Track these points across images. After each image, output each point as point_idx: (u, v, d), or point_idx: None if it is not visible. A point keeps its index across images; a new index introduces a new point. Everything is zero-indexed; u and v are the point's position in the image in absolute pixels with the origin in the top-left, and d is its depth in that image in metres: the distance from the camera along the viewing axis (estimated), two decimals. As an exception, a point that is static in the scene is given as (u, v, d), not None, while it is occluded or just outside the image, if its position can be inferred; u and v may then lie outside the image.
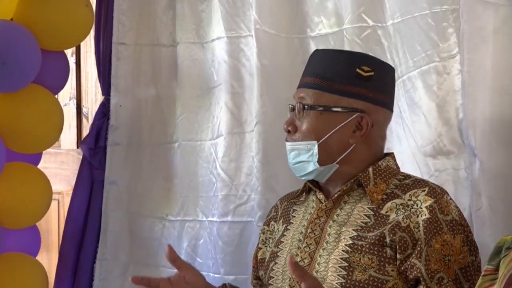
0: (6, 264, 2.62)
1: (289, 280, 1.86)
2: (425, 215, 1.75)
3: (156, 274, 2.80)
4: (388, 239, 1.76)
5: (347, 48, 2.42)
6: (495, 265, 1.26)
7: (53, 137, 2.72)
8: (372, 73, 1.86)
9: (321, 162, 1.85)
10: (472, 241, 1.80)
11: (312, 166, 1.86)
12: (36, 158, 2.81)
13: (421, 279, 1.73)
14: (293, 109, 1.92)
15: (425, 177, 2.06)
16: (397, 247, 1.75)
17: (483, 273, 1.27)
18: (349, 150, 1.85)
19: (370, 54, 2.30)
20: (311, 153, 1.85)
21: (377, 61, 1.97)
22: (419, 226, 1.75)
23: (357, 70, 1.85)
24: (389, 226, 1.77)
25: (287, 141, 1.92)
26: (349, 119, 1.84)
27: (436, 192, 1.80)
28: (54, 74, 2.72)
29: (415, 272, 1.73)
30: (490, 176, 2.18)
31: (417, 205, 1.78)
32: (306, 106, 1.86)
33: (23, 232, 2.74)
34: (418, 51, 2.28)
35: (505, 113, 2.20)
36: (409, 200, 1.79)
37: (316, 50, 2.00)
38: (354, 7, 2.42)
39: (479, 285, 1.27)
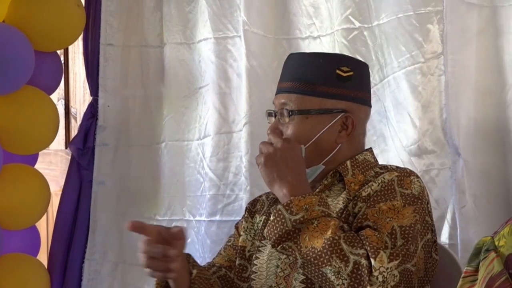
0: (8, 265, 2.63)
1: (275, 276, 1.86)
2: (382, 181, 1.76)
3: (144, 274, 2.79)
4: (351, 214, 1.76)
5: (336, 50, 2.44)
6: (475, 267, 1.27)
7: (50, 137, 2.74)
8: (351, 73, 1.86)
9: (307, 164, 1.83)
10: (424, 213, 1.75)
11: None
12: (32, 159, 2.81)
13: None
14: (271, 115, 1.91)
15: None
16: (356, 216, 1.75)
17: (463, 274, 1.28)
18: (335, 151, 1.86)
19: (357, 55, 2.35)
20: None
21: (354, 60, 1.99)
22: (372, 188, 1.76)
23: (337, 71, 1.85)
24: (353, 201, 1.77)
25: None
26: (334, 120, 1.85)
27: (405, 171, 1.80)
28: (48, 75, 2.73)
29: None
30: (474, 174, 2.21)
31: (383, 178, 1.78)
32: (291, 112, 1.85)
33: (23, 232, 2.75)
34: (403, 51, 2.30)
35: (489, 113, 2.23)
36: (380, 181, 1.78)
37: (291, 54, 1.99)
38: (342, 9, 2.43)
39: (460, 286, 1.28)
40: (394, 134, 2.34)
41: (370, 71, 2.00)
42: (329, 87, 1.85)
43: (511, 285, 1.20)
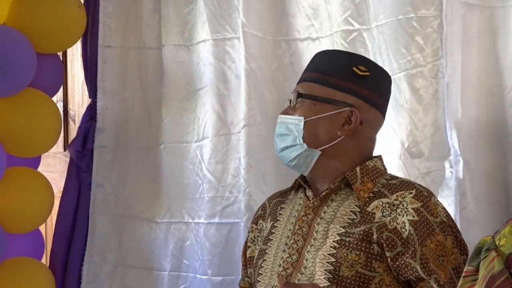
0: (12, 269, 2.62)
1: (277, 276, 1.87)
2: (412, 216, 1.77)
3: (144, 276, 2.82)
4: (375, 236, 1.78)
5: (335, 52, 2.45)
6: (475, 266, 1.26)
7: (52, 139, 2.72)
8: (368, 73, 1.90)
9: (305, 141, 1.88)
10: (461, 241, 1.82)
11: (296, 151, 1.89)
12: (35, 162, 2.80)
13: (419, 277, 1.75)
14: (290, 102, 1.98)
15: (412, 178, 2.07)
16: (384, 245, 1.77)
17: (463, 274, 1.28)
18: (335, 142, 1.88)
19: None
20: (297, 128, 1.89)
21: (375, 65, 2.01)
22: (406, 226, 1.77)
23: (354, 68, 1.90)
24: (376, 224, 1.79)
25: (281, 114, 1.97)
26: (339, 111, 1.88)
27: (423, 196, 1.82)
28: (49, 77, 2.72)
29: (410, 272, 1.75)
30: (476, 175, 2.21)
31: (403, 206, 1.79)
32: (299, 95, 1.91)
33: (27, 236, 2.74)
34: (404, 54, 2.30)
35: (490, 114, 2.23)
36: (395, 200, 1.81)
37: (318, 52, 2.05)
38: (342, 11, 2.43)
39: (460, 286, 1.28)
40: (395, 136, 2.33)
41: (391, 80, 2.03)
42: (341, 80, 1.89)
43: (511, 284, 1.19)
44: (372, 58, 2.36)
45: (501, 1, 2.19)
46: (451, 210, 2.20)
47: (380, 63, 2.34)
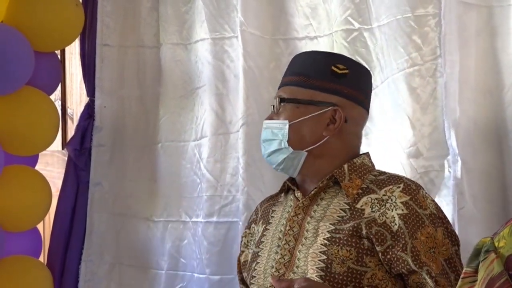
0: (11, 267, 2.62)
1: (271, 276, 1.87)
2: (402, 210, 1.78)
3: (141, 275, 2.82)
4: (364, 231, 1.78)
5: (335, 51, 2.45)
6: (474, 267, 1.26)
7: (50, 137, 2.72)
8: (347, 71, 1.91)
9: (290, 143, 1.89)
10: (452, 232, 1.83)
11: (282, 154, 1.90)
12: (33, 160, 2.80)
13: (410, 270, 1.75)
14: (273, 108, 1.98)
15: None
16: (374, 239, 1.77)
17: (462, 275, 1.28)
18: (321, 142, 1.89)
19: (357, 56, 2.37)
20: (282, 132, 1.90)
21: (353, 61, 2.03)
22: (395, 220, 1.77)
23: (333, 67, 1.90)
24: (365, 220, 1.79)
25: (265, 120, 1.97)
26: (323, 111, 1.89)
27: (411, 189, 1.82)
28: (47, 75, 2.72)
29: (401, 265, 1.75)
30: (474, 175, 2.20)
31: (391, 200, 1.80)
32: (282, 100, 1.92)
33: (25, 234, 2.74)
34: (401, 53, 2.30)
35: (488, 113, 2.23)
36: (384, 195, 1.82)
37: (296, 54, 2.06)
38: (342, 10, 2.44)
39: (459, 287, 1.28)
40: (393, 136, 2.34)
41: (371, 74, 2.03)
42: (321, 80, 1.90)
43: (511, 286, 1.19)
44: (374, 58, 2.38)
45: (499, 0, 2.19)
46: (449, 209, 2.20)
47: (382, 63, 2.35)
